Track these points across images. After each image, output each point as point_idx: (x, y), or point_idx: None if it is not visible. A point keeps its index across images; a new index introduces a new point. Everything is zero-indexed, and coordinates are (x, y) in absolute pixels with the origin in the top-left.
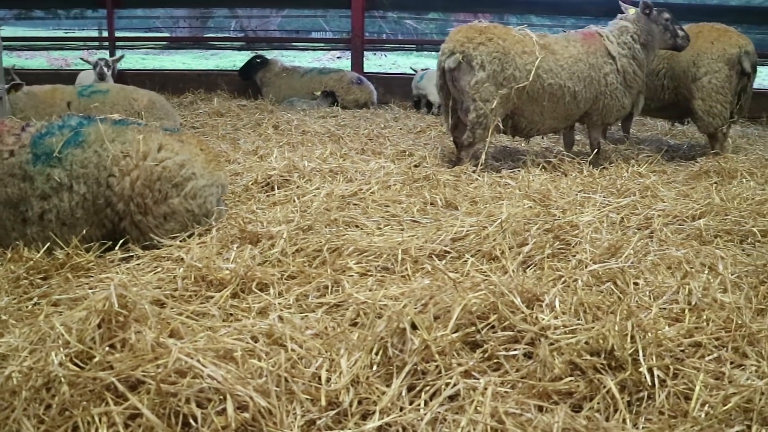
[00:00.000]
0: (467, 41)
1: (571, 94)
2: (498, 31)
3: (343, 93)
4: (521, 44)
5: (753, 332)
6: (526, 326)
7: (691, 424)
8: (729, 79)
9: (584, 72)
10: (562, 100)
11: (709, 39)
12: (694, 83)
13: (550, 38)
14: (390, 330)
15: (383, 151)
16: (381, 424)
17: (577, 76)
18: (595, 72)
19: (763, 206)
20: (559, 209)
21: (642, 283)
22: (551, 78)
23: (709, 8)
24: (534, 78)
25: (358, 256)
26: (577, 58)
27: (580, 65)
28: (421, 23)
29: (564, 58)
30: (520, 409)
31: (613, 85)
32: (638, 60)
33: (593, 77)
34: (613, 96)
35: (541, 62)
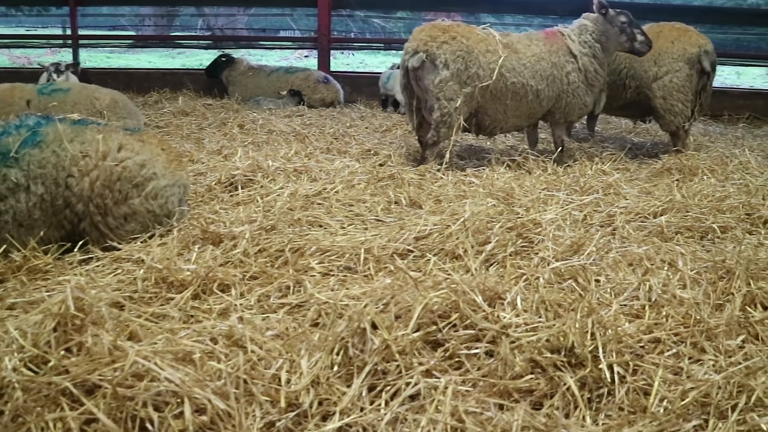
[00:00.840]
0: (430, 40)
1: (534, 93)
2: (461, 29)
3: (309, 92)
4: (484, 43)
5: (711, 327)
6: (487, 325)
7: (650, 420)
8: (689, 78)
9: (547, 71)
10: (525, 98)
11: (669, 39)
12: (656, 82)
13: (512, 37)
14: (351, 330)
15: (348, 150)
16: (341, 425)
17: (539, 74)
18: (557, 71)
19: (723, 203)
20: (522, 207)
21: (603, 280)
22: (514, 77)
23: (671, 8)
24: (497, 77)
25: (321, 255)
26: (539, 56)
27: (542, 64)
28: (389, 22)
29: (527, 57)
30: (480, 407)
31: (575, 83)
32: (599, 59)
33: (556, 76)
34: (575, 94)
35: (504, 61)
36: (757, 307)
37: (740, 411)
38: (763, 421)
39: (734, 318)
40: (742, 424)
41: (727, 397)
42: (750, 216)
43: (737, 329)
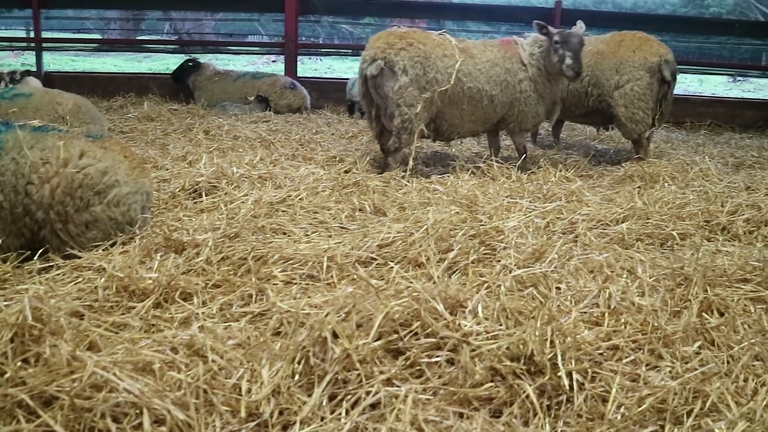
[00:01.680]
0: (388, 47)
1: (488, 98)
2: (417, 35)
3: (276, 98)
4: (441, 48)
5: (668, 334)
6: (448, 333)
7: (607, 426)
8: (650, 87)
9: (501, 76)
10: (480, 103)
11: (631, 48)
12: (617, 90)
13: (468, 43)
14: (312, 339)
15: (314, 157)
16: None
17: (494, 80)
18: (510, 77)
19: (683, 210)
20: (485, 215)
21: (564, 287)
22: (471, 81)
23: (636, 17)
24: (455, 81)
25: (284, 264)
26: (494, 62)
27: (497, 69)
28: (356, 28)
29: (482, 62)
30: (440, 416)
31: (527, 92)
32: (545, 73)
33: (509, 81)
34: (527, 103)
35: (461, 65)
36: (713, 314)
37: (695, 416)
38: (717, 426)
39: (691, 325)
40: (697, 429)
41: (683, 403)
42: (709, 223)
43: (694, 336)
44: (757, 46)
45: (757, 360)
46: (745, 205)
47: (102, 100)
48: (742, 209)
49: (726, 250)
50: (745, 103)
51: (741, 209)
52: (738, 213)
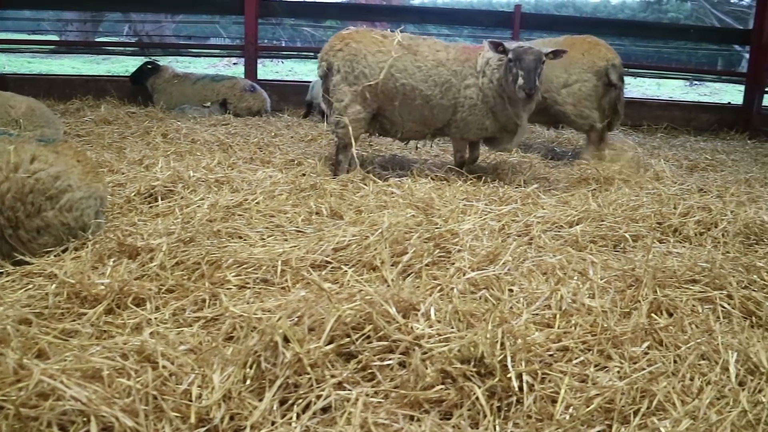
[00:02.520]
0: (330, 50)
1: (423, 98)
2: (358, 35)
3: (235, 100)
4: (377, 45)
5: (617, 335)
6: (400, 336)
7: (556, 427)
8: (596, 89)
9: (443, 77)
10: (413, 102)
11: (580, 50)
12: (565, 88)
13: (423, 41)
14: (263, 343)
15: (272, 160)
16: None
17: (433, 79)
18: (456, 79)
19: (637, 212)
20: (441, 218)
21: (516, 289)
22: (404, 78)
23: (595, 21)
24: (387, 76)
25: (238, 268)
26: (440, 62)
27: (440, 69)
28: (318, 30)
29: (426, 61)
30: (390, 419)
31: (472, 99)
32: (499, 88)
33: (453, 84)
34: (471, 111)
35: (395, 61)
36: (662, 314)
37: (642, 415)
38: (662, 424)
39: (640, 325)
40: (644, 428)
41: (631, 403)
42: (661, 225)
43: (643, 336)
44: (713, 51)
45: (704, 359)
46: (697, 207)
47: (58, 103)
48: (694, 211)
49: (677, 251)
50: (700, 107)
51: (693, 211)
52: (689, 215)
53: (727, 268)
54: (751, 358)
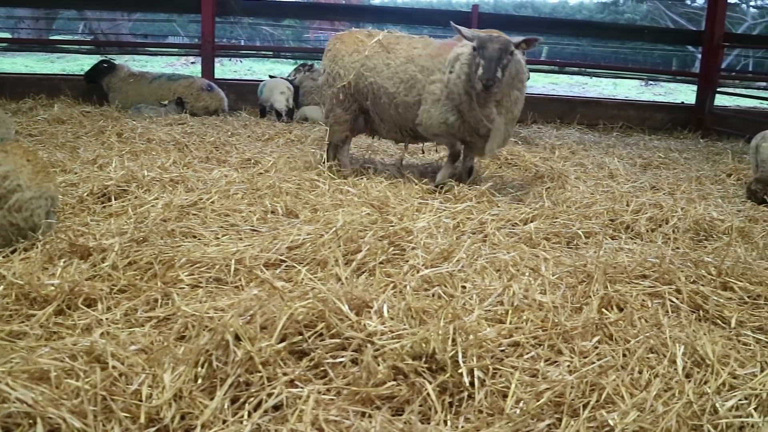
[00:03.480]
0: (324, 53)
1: (387, 95)
2: (346, 36)
3: (192, 100)
4: (356, 45)
5: (568, 330)
6: (353, 333)
7: (506, 421)
8: None
9: (408, 73)
10: (380, 100)
11: None
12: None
13: (405, 39)
14: (214, 342)
15: (228, 160)
16: None
17: (399, 76)
18: (422, 75)
19: (590, 209)
20: (396, 216)
21: (469, 286)
22: (372, 76)
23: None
24: (358, 76)
25: (191, 267)
26: (410, 59)
27: (407, 66)
28: (277, 29)
29: (398, 58)
30: (341, 416)
31: (435, 95)
32: (465, 83)
33: (418, 80)
34: (434, 105)
35: (366, 60)
36: (612, 309)
37: (591, 408)
38: (610, 417)
39: (590, 320)
40: (593, 421)
41: (580, 396)
42: (613, 222)
43: (593, 331)
44: (668, 52)
45: (652, 352)
46: (649, 204)
47: (10, 102)
48: (646, 208)
49: (628, 247)
50: (654, 106)
51: (644, 208)
52: (641, 212)
53: (676, 263)
54: (698, 350)
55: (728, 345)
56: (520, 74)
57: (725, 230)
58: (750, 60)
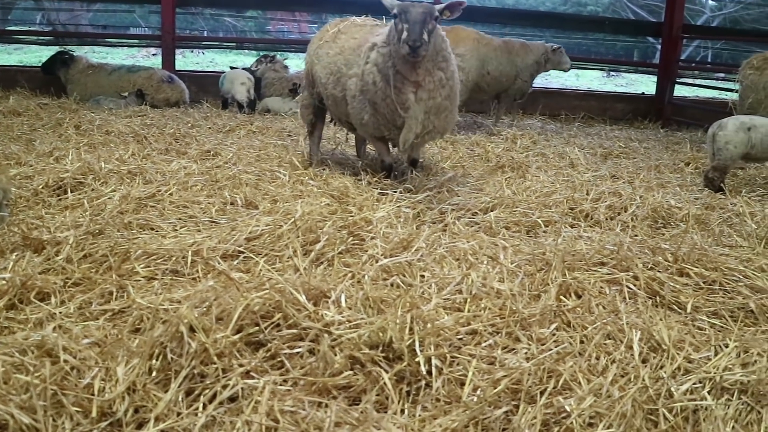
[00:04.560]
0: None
1: (324, 87)
2: (332, 23)
3: (152, 91)
4: (324, 33)
5: (525, 317)
6: (310, 323)
7: (463, 408)
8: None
9: (337, 66)
10: (324, 90)
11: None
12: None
13: (362, 29)
14: (169, 334)
15: (188, 151)
16: (156, 431)
17: (329, 69)
18: (346, 68)
19: (550, 198)
20: (356, 206)
21: (428, 275)
22: (317, 66)
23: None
24: (311, 65)
25: (147, 259)
26: (341, 50)
27: (338, 58)
28: (239, 21)
29: (334, 48)
30: (296, 406)
31: (351, 90)
32: (383, 67)
33: (343, 73)
34: (352, 105)
35: (319, 48)
36: (571, 296)
37: (549, 395)
38: (567, 403)
39: (548, 307)
40: (550, 407)
41: (538, 383)
42: (573, 210)
43: (551, 318)
44: (630, 43)
45: (609, 338)
46: (608, 193)
47: None
48: (605, 197)
49: (587, 235)
50: (616, 97)
51: (604, 197)
52: (601, 200)
53: (634, 250)
54: (654, 336)
55: (684, 330)
56: (443, 51)
57: (683, 218)
58: (709, 51)
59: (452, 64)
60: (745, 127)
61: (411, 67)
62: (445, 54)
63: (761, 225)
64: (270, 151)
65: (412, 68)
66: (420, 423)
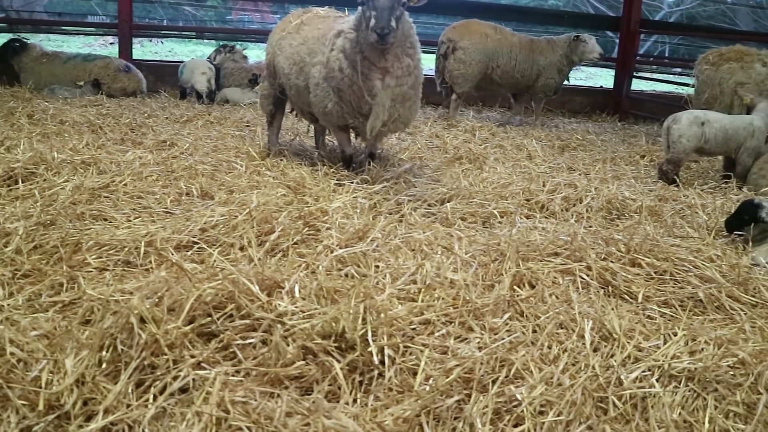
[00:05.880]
0: None
1: (286, 77)
2: (293, 14)
3: (109, 81)
4: (286, 24)
5: (479, 307)
6: (263, 314)
7: (415, 398)
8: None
9: (300, 55)
10: (286, 81)
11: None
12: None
13: (325, 20)
14: (119, 325)
15: (144, 142)
16: (105, 423)
17: (292, 59)
18: (309, 57)
19: (506, 189)
20: (312, 196)
21: (383, 265)
22: (279, 56)
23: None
24: (273, 55)
25: (99, 250)
26: (305, 40)
27: (301, 48)
28: (199, 10)
29: (297, 38)
30: (247, 397)
31: (315, 78)
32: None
33: (306, 62)
34: (314, 92)
35: (281, 39)
36: (524, 286)
37: (501, 384)
38: (518, 391)
39: (501, 297)
40: (501, 396)
41: (490, 372)
42: (529, 201)
43: (504, 308)
44: None
45: (561, 328)
46: (564, 184)
47: None
48: (561, 188)
49: (542, 226)
50: (574, 90)
51: (559, 188)
52: (557, 192)
53: (587, 241)
54: (606, 325)
55: (635, 319)
56: (411, 38)
57: (636, 209)
58: (666, 47)
59: (419, 52)
60: (698, 122)
61: (379, 54)
62: (412, 41)
63: (712, 216)
64: (227, 141)
65: (380, 54)
66: (372, 412)
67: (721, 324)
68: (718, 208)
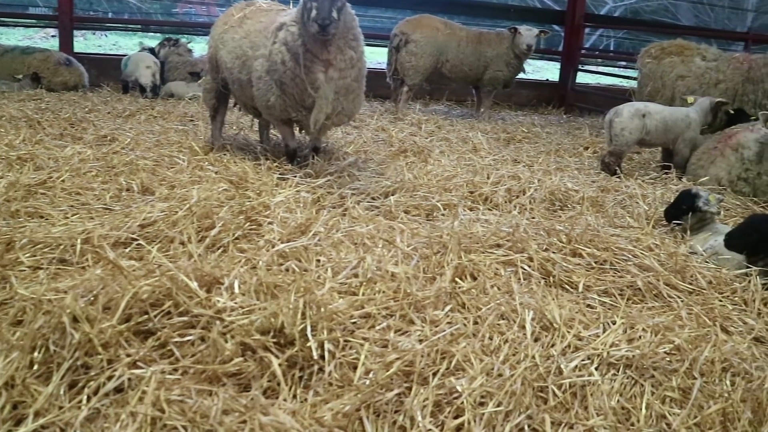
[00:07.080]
0: None
1: (229, 71)
2: (234, 7)
3: (49, 74)
4: (228, 17)
5: (420, 299)
6: (202, 310)
7: (355, 392)
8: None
9: (242, 49)
10: (229, 75)
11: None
12: None
13: (268, 14)
14: (51, 325)
15: (83, 137)
16: (36, 426)
17: (235, 53)
18: (252, 51)
19: (450, 182)
20: (254, 191)
21: (324, 259)
22: (222, 50)
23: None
24: (215, 49)
25: (33, 248)
26: (248, 34)
27: (243, 41)
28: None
29: (242, 32)
30: (184, 395)
31: (257, 72)
32: (293, 46)
33: (248, 56)
34: (258, 86)
35: (224, 33)
36: (466, 278)
37: (441, 376)
38: (458, 383)
39: (443, 289)
40: (442, 388)
41: (430, 364)
42: (473, 193)
43: (445, 300)
44: None
45: (503, 319)
46: (508, 176)
47: None
48: (505, 180)
49: (485, 218)
50: (520, 83)
51: (503, 180)
52: (500, 184)
53: (529, 232)
54: (546, 315)
55: (575, 309)
56: (353, 29)
57: (579, 200)
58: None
59: (362, 44)
60: (639, 114)
61: (322, 46)
62: (355, 33)
63: (652, 206)
64: (170, 136)
65: (323, 46)
66: (311, 408)
67: (659, 311)
68: (658, 198)
